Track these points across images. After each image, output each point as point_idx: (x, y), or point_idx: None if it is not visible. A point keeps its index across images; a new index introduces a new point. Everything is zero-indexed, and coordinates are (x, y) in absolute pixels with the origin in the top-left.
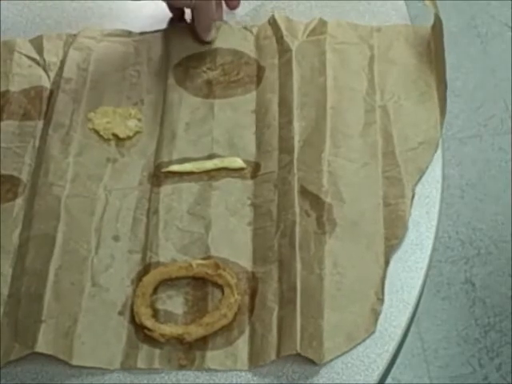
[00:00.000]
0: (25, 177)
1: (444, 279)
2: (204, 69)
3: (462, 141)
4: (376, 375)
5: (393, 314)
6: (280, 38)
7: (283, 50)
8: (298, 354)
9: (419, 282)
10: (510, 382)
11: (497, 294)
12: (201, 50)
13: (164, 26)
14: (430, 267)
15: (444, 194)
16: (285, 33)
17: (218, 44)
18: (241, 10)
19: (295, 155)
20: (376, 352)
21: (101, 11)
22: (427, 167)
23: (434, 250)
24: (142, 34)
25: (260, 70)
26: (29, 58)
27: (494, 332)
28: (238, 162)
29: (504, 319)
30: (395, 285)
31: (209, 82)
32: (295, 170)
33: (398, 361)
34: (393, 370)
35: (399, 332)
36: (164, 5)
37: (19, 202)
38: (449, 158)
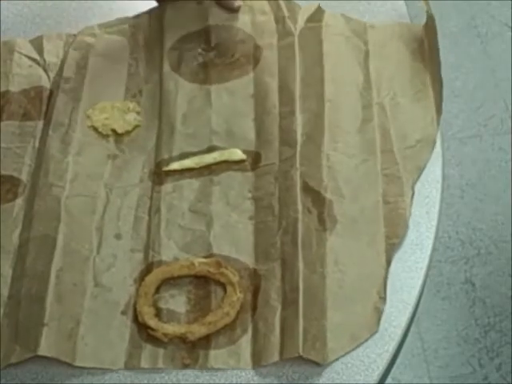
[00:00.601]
0: (25, 177)
1: (444, 279)
2: (199, 50)
3: (462, 141)
4: (376, 375)
5: (393, 314)
6: (281, 19)
7: (284, 32)
8: (301, 356)
9: (419, 282)
10: (510, 382)
11: (497, 294)
12: (195, 29)
13: None
14: (429, 267)
15: (444, 194)
16: (287, 14)
17: (211, 21)
18: None
19: (298, 149)
20: (376, 352)
21: (101, 11)
22: (426, 165)
23: (434, 249)
24: (136, 16)
25: (257, 49)
26: (29, 58)
27: (494, 332)
28: (238, 154)
29: (504, 319)
30: (395, 285)
31: (204, 65)
32: (298, 165)
33: (398, 361)
34: (393, 370)
35: (399, 332)
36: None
37: (19, 202)
38: (449, 157)
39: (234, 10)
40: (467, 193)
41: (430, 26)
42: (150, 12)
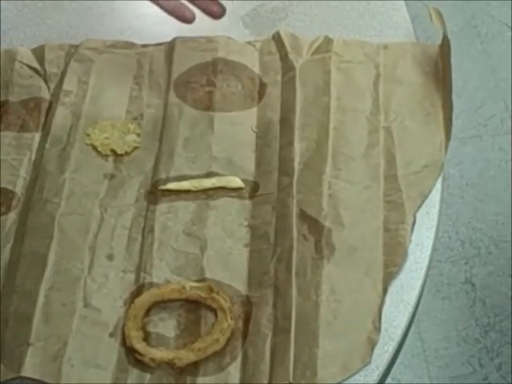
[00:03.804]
0: (19, 190)
1: (444, 279)
2: (206, 80)
3: (462, 141)
4: (376, 375)
5: (393, 313)
6: (284, 56)
7: (287, 67)
8: None
9: (419, 282)
10: (510, 382)
11: (497, 294)
12: (203, 61)
13: (163, 25)
14: (429, 267)
15: (444, 194)
16: (289, 50)
17: (220, 54)
18: (241, 10)
19: (295, 177)
20: (376, 352)
21: (101, 11)
22: (430, 192)
23: (434, 249)
24: (144, 46)
25: (262, 86)
26: (30, 67)
27: (494, 332)
28: (236, 182)
29: (504, 319)
30: (395, 285)
31: (210, 94)
32: (294, 193)
33: (398, 361)
34: (393, 370)
35: (399, 332)
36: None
37: (12, 215)
38: (449, 158)
39: (217, 17)
40: (467, 193)
41: (445, 47)
42: (159, 45)
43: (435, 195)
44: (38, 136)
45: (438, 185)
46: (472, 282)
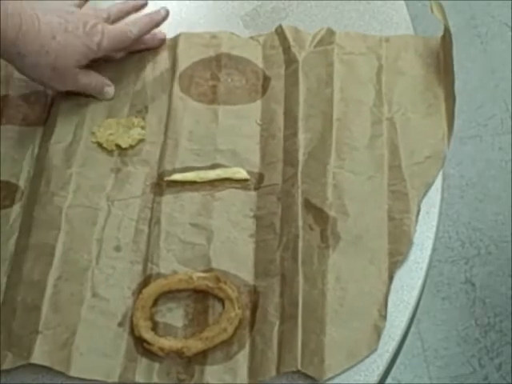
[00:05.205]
0: (23, 183)
1: (444, 279)
2: (209, 75)
3: (462, 141)
4: (376, 375)
5: (393, 313)
6: (287, 49)
7: (290, 60)
8: (298, 370)
9: (419, 282)
10: (510, 382)
11: (497, 294)
12: (207, 56)
13: (166, 22)
14: (429, 267)
15: (444, 194)
16: (292, 43)
17: (224, 49)
18: (241, 10)
19: (299, 168)
20: (376, 352)
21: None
22: (433, 182)
23: (434, 250)
24: None
25: (266, 79)
26: None
27: (494, 332)
28: (241, 173)
29: (504, 319)
30: (395, 285)
31: (214, 87)
32: (299, 183)
33: (398, 361)
34: (393, 370)
35: (399, 332)
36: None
37: (16, 208)
38: (449, 157)
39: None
40: (467, 193)
41: (447, 39)
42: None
43: (435, 195)
44: (40, 130)
45: (439, 185)
46: (472, 282)
